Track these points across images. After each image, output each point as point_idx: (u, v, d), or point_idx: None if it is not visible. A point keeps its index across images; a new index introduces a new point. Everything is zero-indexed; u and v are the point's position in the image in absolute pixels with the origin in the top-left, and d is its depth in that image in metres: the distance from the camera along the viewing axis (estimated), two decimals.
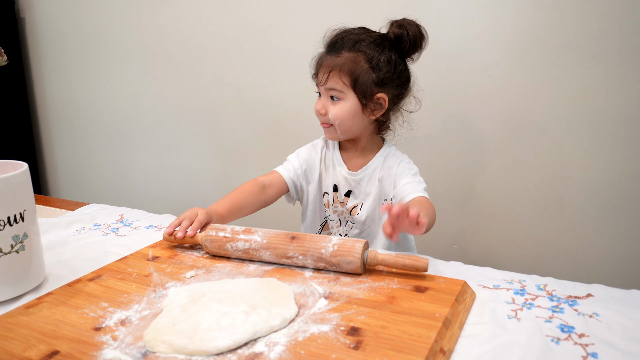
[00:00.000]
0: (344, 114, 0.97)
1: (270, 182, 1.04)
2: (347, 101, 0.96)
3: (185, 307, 0.63)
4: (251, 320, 0.59)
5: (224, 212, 0.94)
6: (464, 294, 0.67)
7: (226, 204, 0.95)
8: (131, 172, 2.08)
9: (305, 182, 1.08)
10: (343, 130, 1.00)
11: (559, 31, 1.22)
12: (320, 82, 0.98)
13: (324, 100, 0.99)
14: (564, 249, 1.34)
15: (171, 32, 1.81)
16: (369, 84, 0.95)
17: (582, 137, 1.26)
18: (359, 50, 0.95)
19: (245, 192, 0.99)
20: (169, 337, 0.56)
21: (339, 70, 0.94)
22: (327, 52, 0.97)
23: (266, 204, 1.03)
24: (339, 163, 1.06)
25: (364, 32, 0.98)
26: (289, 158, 1.09)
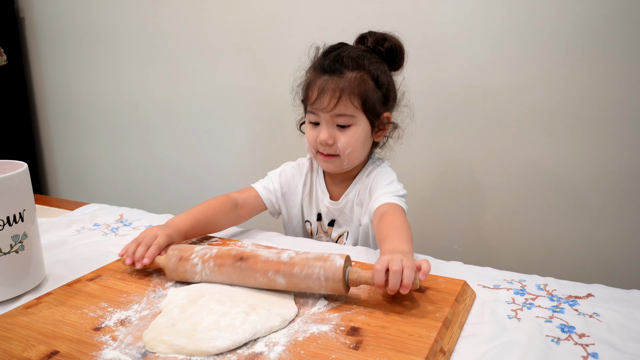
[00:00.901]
0: (356, 142, 0.88)
1: (243, 201, 0.95)
2: (359, 126, 0.87)
3: (185, 308, 0.62)
4: (251, 321, 0.59)
5: (187, 228, 0.84)
6: (464, 294, 0.67)
7: (190, 219, 0.85)
8: (131, 172, 2.08)
9: (284, 206, 1.00)
10: (352, 160, 0.90)
11: (558, 29, 1.22)
12: (325, 109, 0.85)
13: (330, 129, 0.87)
14: (564, 249, 1.34)
15: (171, 31, 1.81)
16: (377, 104, 0.89)
17: (582, 138, 1.26)
18: (363, 68, 0.87)
19: (213, 209, 0.89)
20: (169, 338, 0.56)
21: (349, 93, 0.85)
22: (327, 74, 0.86)
23: (236, 223, 0.95)
24: (322, 191, 0.97)
25: (358, 48, 0.91)
26: (270, 175, 1.01)
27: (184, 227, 0.83)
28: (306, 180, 0.99)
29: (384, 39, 0.91)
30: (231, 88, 1.75)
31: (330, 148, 0.88)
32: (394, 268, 0.59)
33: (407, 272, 0.59)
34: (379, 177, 0.92)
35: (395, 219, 0.78)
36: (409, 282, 0.59)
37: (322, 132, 0.88)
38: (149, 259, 0.73)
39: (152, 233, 0.77)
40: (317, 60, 0.90)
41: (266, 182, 1.00)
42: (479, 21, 1.31)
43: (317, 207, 0.98)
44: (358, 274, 0.63)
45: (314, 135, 0.90)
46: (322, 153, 0.90)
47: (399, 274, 0.59)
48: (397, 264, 0.59)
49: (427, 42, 1.37)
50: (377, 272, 0.60)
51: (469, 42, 1.33)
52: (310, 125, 0.91)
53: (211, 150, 1.86)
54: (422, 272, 0.60)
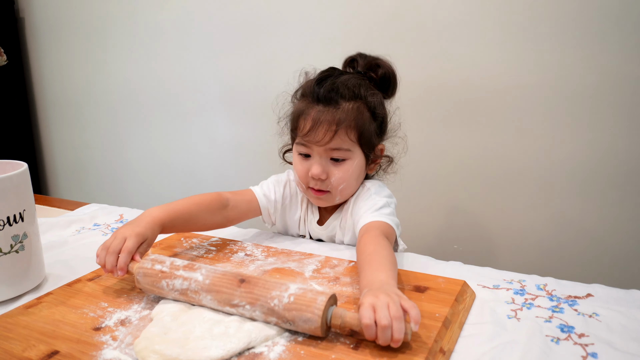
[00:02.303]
0: (350, 177, 0.83)
1: (235, 203, 0.88)
2: (354, 160, 0.82)
3: (177, 315, 0.60)
4: (245, 329, 0.57)
5: (165, 220, 0.77)
6: (464, 294, 0.67)
7: (170, 211, 0.78)
8: (131, 172, 2.08)
9: (280, 218, 0.95)
10: (345, 194, 0.86)
11: (558, 27, 1.23)
12: (319, 142, 0.80)
13: (323, 163, 0.82)
14: (564, 248, 1.34)
15: (172, 30, 1.81)
16: (372, 136, 0.84)
17: (582, 138, 1.26)
18: (360, 98, 0.82)
19: (200, 204, 0.83)
20: (160, 347, 0.54)
21: (346, 126, 0.79)
22: (322, 104, 0.81)
23: (222, 225, 0.88)
24: (312, 212, 0.94)
25: (352, 75, 0.84)
26: (274, 184, 0.94)
27: (161, 219, 0.76)
28: (303, 197, 0.94)
29: (376, 65, 0.87)
30: (232, 88, 1.75)
31: (322, 183, 0.83)
32: (382, 323, 0.52)
33: (397, 325, 0.52)
34: (358, 196, 0.87)
35: (368, 243, 0.71)
36: (400, 337, 0.53)
37: (314, 166, 0.82)
38: (123, 272, 0.68)
39: (120, 236, 0.70)
40: (309, 88, 0.83)
41: (267, 190, 0.93)
42: (477, 14, 1.31)
43: (308, 227, 0.95)
44: (342, 319, 0.56)
45: (304, 169, 0.84)
46: (312, 188, 0.85)
47: (388, 330, 0.52)
48: (385, 316, 0.52)
49: (426, 39, 1.37)
50: (367, 329, 0.53)
51: (467, 39, 1.33)
52: (300, 158, 0.85)
53: (212, 150, 1.86)
54: (414, 322, 0.53)
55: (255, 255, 0.83)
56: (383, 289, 0.57)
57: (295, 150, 0.87)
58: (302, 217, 0.94)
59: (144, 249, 0.72)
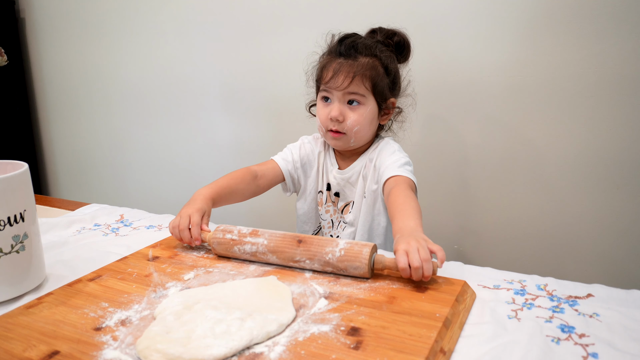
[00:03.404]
0: (364, 120, 0.96)
1: (262, 172, 1.03)
2: (367, 106, 0.96)
3: (179, 314, 0.61)
4: (247, 327, 0.57)
5: (214, 195, 0.92)
6: (464, 294, 0.67)
7: (216, 188, 0.93)
8: (131, 172, 2.08)
9: (303, 176, 1.08)
10: (359, 138, 0.99)
11: (559, 28, 1.23)
12: (338, 87, 0.94)
13: (341, 106, 0.96)
14: (564, 249, 1.34)
15: (172, 31, 1.81)
16: (385, 89, 0.97)
17: (583, 138, 1.26)
18: (375, 55, 0.95)
19: (236, 178, 0.98)
20: (163, 346, 0.54)
21: (362, 75, 0.94)
22: (342, 57, 0.95)
23: (256, 193, 1.02)
24: (332, 163, 1.06)
25: (371, 37, 0.99)
26: (290, 148, 1.08)
27: (210, 195, 0.90)
28: (320, 152, 1.07)
29: (393, 34, 1.01)
30: (233, 88, 1.75)
31: (339, 125, 0.96)
32: (414, 265, 0.65)
33: (426, 265, 0.66)
34: (382, 149, 1.00)
35: (399, 195, 0.84)
36: (429, 274, 0.66)
37: (333, 109, 0.96)
38: (199, 241, 0.82)
39: (185, 214, 0.83)
40: (333, 46, 0.98)
41: (285, 155, 1.06)
42: (477, 10, 1.31)
43: (327, 177, 1.06)
44: (383, 264, 0.71)
45: (325, 112, 0.97)
46: (331, 130, 0.97)
47: (420, 270, 0.66)
48: (416, 259, 0.65)
49: (426, 37, 1.37)
50: (402, 271, 0.67)
51: (470, 44, 1.33)
52: (321, 103, 0.99)
53: (212, 150, 1.86)
54: (440, 261, 0.67)
55: None
56: (413, 235, 0.70)
57: (318, 98, 1.01)
58: (320, 170, 1.07)
59: (206, 220, 0.85)
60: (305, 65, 1.05)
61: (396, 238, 0.72)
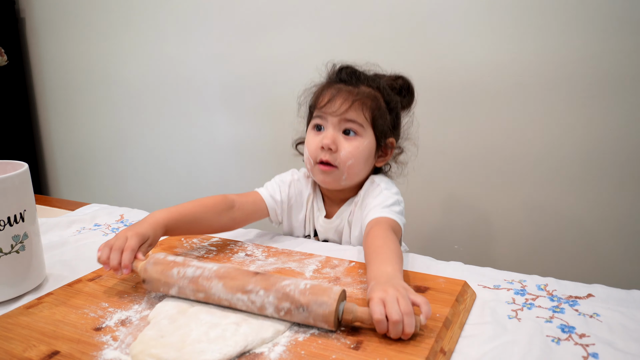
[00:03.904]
0: (359, 154, 0.84)
1: (241, 205, 0.88)
2: (365, 139, 0.85)
3: (174, 318, 0.60)
4: (242, 332, 0.57)
5: (169, 222, 0.77)
6: (465, 294, 0.67)
7: (174, 213, 0.79)
8: (131, 172, 2.08)
9: (287, 218, 0.96)
10: (351, 175, 0.86)
11: (560, 29, 1.23)
12: (335, 112, 0.83)
13: (335, 134, 0.84)
14: (564, 249, 1.34)
15: (172, 30, 1.81)
16: (385, 126, 0.87)
17: (582, 139, 1.26)
18: (378, 88, 0.87)
19: (205, 206, 0.83)
20: (157, 351, 0.53)
21: (362, 102, 0.84)
22: (342, 82, 0.86)
23: (228, 228, 0.88)
24: (318, 208, 0.94)
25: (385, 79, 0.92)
26: (279, 184, 0.95)
27: (165, 221, 0.76)
28: (310, 195, 0.95)
29: (396, 77, 0.93)
30: (233, 88, 1.75)
31: (331, 155, 0.84)
32: (393, 318, 0.54)
33: (407, 319, 0.54)
34: (368, 191, 0.89)
35: (376, 237, 0.73)
36: (411, 331, 0.55)
37: (326, 136, 0.84)
38: (128, 269, 0.67)
39: (122, 235, 0.70)
40: (332, 74, 0.90)
41: (273, 190, 0.94)
42: (475, 6, 1.31)
43: (314, 224, 0.95)
44: (354, 314, 0.57)
45: (316, 141, 0.86)
46: (321, 162, 0.85)
47: (399, 324, 0.54)
48: (396, 311, 0.54)
49: (426, 35, 1.37)
50: (378, 324, 0.55)
51: (472, 45, 1.33)
52: (312, 132, 0.88)
53: (212, 150, 1.86)
54: (425, 317, 0.56)
55: (256, 255, 0.83)
56: (390, 282, 0.59)
57: (309, 127, 0.90)
58: (308, 215, 0.95)
59: (146, 249, 0.72)
60: (298, 95, 0.95)
61: (370, 286, 0.60)
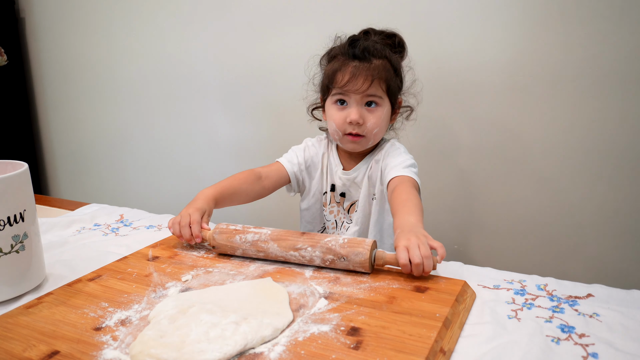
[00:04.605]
0: (382, 122, 0.97)
1: (267, 174, 1.03)
2: (384, 107, 0.97)
3: (174, 318, 0.60)
4: (241, 331, 0.57)
5: (217, 195, 0.92)
6: (464, 294, 0.67)
7: (219, 188, 0.93)
8: (131, 172, 2.08)
9: (308, 178, 1.08)
10: (376, 139, 1.00)
11: (561, 31, 1.23)
12: (358, 90, 0.94)
13: (359, 109, 0.96)
14: (563, 248, 1.34)
15: (172, 30, 1.81)
16: (396, 89, 1.00)
17: (582, 139, 1.26)
18: (386, 57, 0.97)
19: (239, 180, 0.98)
20: (156, 351, 0.53)
21: (378, 78, 0.94)
22: (357, 59, 0.95)
23: (260, 195, 1.02)
24: (336, 164, 1.06)
25: (380, 37, 1.00)
26: (295, 150, 1.08)
27: (214, 195, 0.91)
28: (324, 154, 1.07)
29: (392, 34, 1.02)
30: (233, 88, 1.75)
31: (359, 128, 0.96)
32: (415, 261, 0.67)
33: (427, 262, 0.67)
34: (389, 151, 1.01)
35: (402, 192, 0.85)
36: (430, 270, 0.68)
37: (352, 112, 0.95)
38: (199, 238, 0.82)
39: (185, 212, 0.84)
40: (343, 48, 0.97)
41: (290, 157, 1.07)
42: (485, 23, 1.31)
43: (332, 178, 1.07)
44: (384, 259, 0.72)
45: (342, 116, 0.97)
46: (350, 134, 0.97)
47: (420, 266, 0.67)
48: (417, 255, 0.67)
49: (424, 34, 1.37)
50: (403, 267, 0.68)
51: (472, 44, 1.33)
52: (336, 107, 0.98)
53: (213, 150, 1.86)
54: (440, 257, 0.69)
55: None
56: (413, 231, 0.71)
57: (330, 102, 0.99)
58: (325, 171, 1.07)
59: (206, 219, 0.86)
60: (307, 67, 1.05)
61: (396, 234, 0.73)
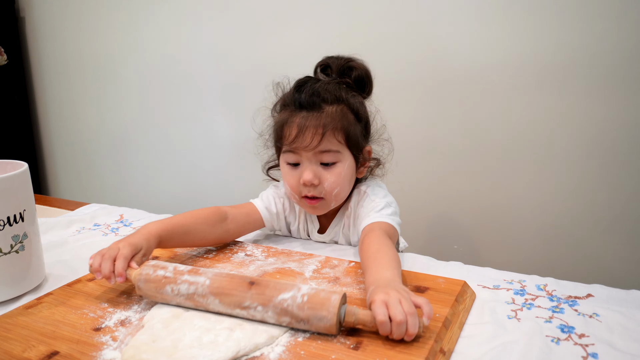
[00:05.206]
0: (343, 180, 0.82)
1: (234, 216, 0.86)
2: (345, 162, 0.82)
3: (168, 323, 0.60)
4: (235, 337, 0.56)
5: (162, 232, 0.76)
6: (464, 294, 0.67)
7: (167, 224, 0.77)
8: (131, 172, 2.08)
9: (286, 224, 0.95)
10: (338, 200, 0.85)
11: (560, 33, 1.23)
12: (308, 147, 0.79)
13: (313, 168, 0.81)
14: (564, 249, 1.34)
15: (172, 30, 1.81)
16: (359, 137, 0.84)
17: (582, 137, 1.26)
18: (342, 101, 0.81)
19: (198, 217, 0.82)
20: (148, 356, 0.53)
21: (332, 128, 0.79)
22: (305, 109, 0.80)
23: (221, 240, 0.86)
24: (311, 220, 0.94)
25: (331, 79, 0.84)
26: (273, 196, 0.93)
27: (158, 231, 0.75)
28: (300, 210, 0.94)
29: (349, 68, 0.85)
30: (233, 88, 1.74)
31: (315, 189, 0.82)
32: (397, 319, 0.54)
33: (411, 320, 0.54)
34: (357, 201, 0.88)
35: (371, 243, 0.72)
36: (415, 331, 0.55)
37: (305, 172, 0.81)
38: (122, 278, 0.66)
39: (114, 245, 0.69)
40: (290, 97, 0.83)
41: (269, 202, 0.92)
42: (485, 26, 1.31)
43: (308, 235, 0.95)
44: (355, 317, 0.57)
45: (295, 179, 0.82)
46: (306, 197, 0.83)
47: (403, 325, 0.54)
48: (400, 312, 0.54)
49: (423, 35, 1.37)
50: (381, 325, 0.55)
51: (469, 46, 1.33)
52: (288, 167, 0.84)
53: (212, 150, 1.86)
54: (427, 317, 0.56)
55: (255, 255, 0.83)
56: (391, 285, 0.59)
57: (283, 161, 0.85)
58: (302, 228, 0.94)
59: (139, 259, 0.70)
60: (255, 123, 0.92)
61: (370, 290, 0.60)
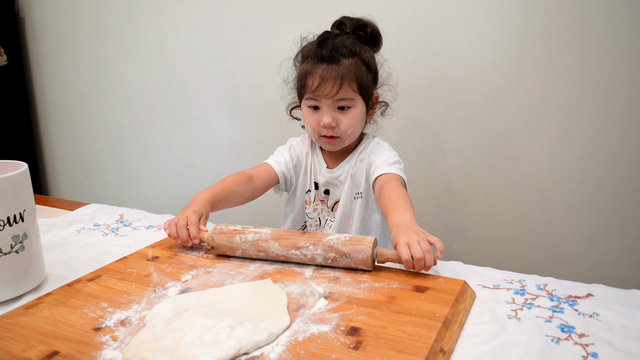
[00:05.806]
0: (356, 122, 0.98)
1: (257, 175, 1.04)
2: (357, 107, 0.97)
3: (169, 321, 0.60)
4: (236, 335, 0.56)
5: (213, 199, 0.92)
6: (464, 294, 0.67)
7: (214, 192, 0.94)
8: (131, 172, 2.08)
9: (295, 176, 1.10)
10: (352, 138, 1.01)
11: (559, 29, 1.22)
12: (328, 95, 0.94)
13: (332, 112, 0.96)
14: (564, 249, 1.34)
15: (172, 31, 1.81)
16: (369, 85, 0.99)
17: (582, 137, 1.26)
18: (357, 55, 0.96)
19: (232, 181, 0.99)
20: (149, 355, 0.53)
21: (349, 79, 0.94)
22: (325, 62, 0.94)
23: (253, 196, 1.03)
24: (319, 162, 1.08)
25: (347, 35, 0.98)
26: (280, 150, 1.10)
27: (209, 198, 0.91)
28: (308, 153, 1.09)
29: (364, 25, 1.00)
30: (233, 88, 1.75)
31: (332, 130, 0.97)
32: (417, 256, 0.69)
33: (428, 256, 0.69)
34: (373, 150, 1.02)
35: (391, 191, 0.87)
36: (431, 264, 0.70)
37: (324, 116, 0.96)
38: (197, 240, 0.82)
39: (182, 215, 0.84)
40: (313, 50, 0.97)
41: (277, 157, 1.08)
42: (474, 10, 1.31)
43: (315, 176, 1.08)
44: (385, 256, 0.73)
45: (316, 121, 0.98)
46: (325, 136, 0.99)
47: (422, 261, 0.69)
48: (418, 250, 0.69)
49: (424, 37, 1.37)
50: (406, 262, 0.70)
51: (468, 42, 1.33)
52: (309, 110, 0.99)
53: (212, 150, 1.86)
54: (439, 251, 0.71)
55: None
56: (411, 228, 0.73)
57: (304, 105, 1.01)
58: (308, 169, 1.09)
59: (203, 222, 0.86)
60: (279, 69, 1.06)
61: (394, 232, 0.75)
